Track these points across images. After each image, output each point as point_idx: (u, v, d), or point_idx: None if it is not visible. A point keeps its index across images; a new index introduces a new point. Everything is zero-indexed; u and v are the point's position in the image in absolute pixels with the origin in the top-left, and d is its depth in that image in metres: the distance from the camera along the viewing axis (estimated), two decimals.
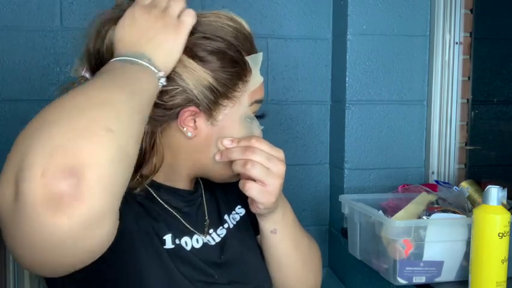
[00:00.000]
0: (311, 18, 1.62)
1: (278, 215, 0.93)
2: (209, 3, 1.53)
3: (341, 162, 1.57)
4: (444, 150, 1.58)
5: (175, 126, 0.82)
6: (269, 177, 0.83)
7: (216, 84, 0.81)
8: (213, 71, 0.80)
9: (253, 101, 0.86)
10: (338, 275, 1.65)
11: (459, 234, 1.14)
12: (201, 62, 0.80)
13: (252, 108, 0.87)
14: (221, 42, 0.82)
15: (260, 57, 0.86)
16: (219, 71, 0.81)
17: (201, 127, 0.83)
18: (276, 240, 0.95)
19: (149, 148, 0.82)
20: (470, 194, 1.33)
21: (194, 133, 0.82)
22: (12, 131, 1.43)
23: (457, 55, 1.55)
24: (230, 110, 0.84)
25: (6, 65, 1.43)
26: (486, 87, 1.59)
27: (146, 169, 0.83)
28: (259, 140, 0.84)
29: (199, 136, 0.83)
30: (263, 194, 0.84)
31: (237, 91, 0.84)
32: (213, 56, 0.81)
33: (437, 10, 1.54)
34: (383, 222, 1.16)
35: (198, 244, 0.87)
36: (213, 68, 0.80)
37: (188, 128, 0.82)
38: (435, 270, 1.14)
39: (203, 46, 0.80)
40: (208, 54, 0.80)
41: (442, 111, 1.56)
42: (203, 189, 0.96)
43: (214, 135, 0.84)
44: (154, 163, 0.83)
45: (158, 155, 0.83)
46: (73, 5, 1.46)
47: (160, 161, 0.83)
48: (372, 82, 1.55)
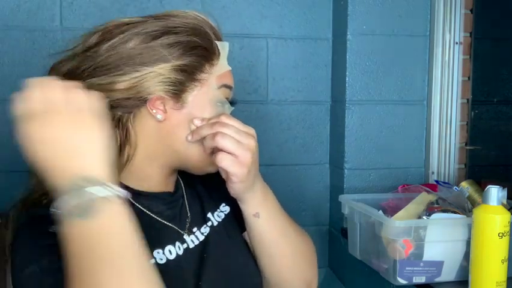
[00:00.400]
0: (311, 18, 1.62)
1: (258, 196, 0.91)
2: (209, 3, 1.53)
3: (341, 162, 1.57)
4: (445, 150, 1.58)
5: (145, 111, 0.83)
6: (240, 148, 0.83)
7: (179, 68, 0.82)
8: (174, 58, 0.82)
9: (221, 84, 0.88)
10: (338, 275, 1.65)
11: (459, 234, 1.14)
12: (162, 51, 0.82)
13: (222, 93, 0.88)
14: (180, 34, 0.84)
15: (227, 46, 0.89)
16: (180, 57, 0.83)
17: (170, 110, 0.84)
18: (261, 226, 0.92)
19: (123, 137, 0.83)
20: (470, 194, 1.33)
21: (164, 116, 0.84)
22: (12, 131, 1.44)
23: (457, 55, 1.55)
24: (198, 91, 0.85)
25: (6, 65, 1.43)
26: (486, 87, 1.59)
27: (118, 163, 0.83)
28: (228, 117, 0.85)
29: (169, 119, 0.84)
30: (234, 164, 0.83)
31: (204, 72, 0.86)
32: (173, 47, 0.83)
33: (437, 10, 1.54)
34: (383, 222, 1.16)
35: (180, 251, 0.88)
36: (174, 54, 0.82)
37: (158, 111, 0.83)
38: (435, 270, 1.14)
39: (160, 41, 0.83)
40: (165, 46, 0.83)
41: (442, 111, 1.56)
42: (184, 189, 0.97)
43: (184, 117, 0.85)
44: (127, 153, 0.84)
45: (131, 144, 0.84)
46: (73, 5, 1.46)
47: (133, 151, 0.84)
48: (372, 82, 1.54)
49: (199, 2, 1.53)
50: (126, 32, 0.83)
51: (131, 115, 0.83)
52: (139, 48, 0.82)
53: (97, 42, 0.84)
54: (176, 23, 0.85)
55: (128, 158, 0.84)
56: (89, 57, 0.82)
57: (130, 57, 0.81)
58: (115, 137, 0.81)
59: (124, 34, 0.83)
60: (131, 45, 0.82)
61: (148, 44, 0.82)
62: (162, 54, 0.82)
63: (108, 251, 0.63)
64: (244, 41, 1.55)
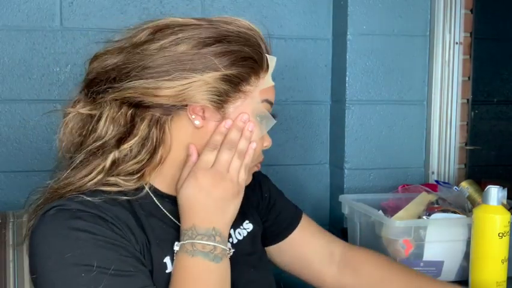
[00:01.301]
0: (311, 18, 1.62)
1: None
2: (209, 3, 1.53)
3: (341, 162, 1.57)
4: (445, 150, 1.58)
5: (184, 115, 0.82)
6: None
7: (227, 78, 0.81)
8: (224, 67, 0.81)
9: (264, 99, 0.87)
10: None
11: (459, 234, 1.14)
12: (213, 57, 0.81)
13: (264, 107, 0.87)
14: (232, 43, 0.82)
15: (275, 60, 0.88)
16: (229, 66, 0.81)
17: (209, 117, 0.83)
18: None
19: (160, 138, 0.82)
20: (470, 194, 1.33)
21: (202, 123, 0.82)
22: (12, 131, 1.44)
23: (457, 55, 1.55)
24: (241, 103, 0.84)
25: (6, 65, 1.43)
26: (486, 87, 1.59)
27: (151, 164, 0.83)
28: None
29: (206, 127, 0.83)
30: None
31: (250, 85, 0.84)
32: (224, 56, 0.81)
33: (437, 10, 1.54)
34: (383, 222, 1.16)
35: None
36: (224, 63, 0.81)
37: (197, 117, 0.82)
38: (435, 270, 1.14)
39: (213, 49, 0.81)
40: (217, 54, 0.81)
41: (442, 111, 1.56)
42: None
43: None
44: (161, 154, 0.83)
45: (166, 146, 0.83)
46: (73, 5, 1.46)
47: (167, 153, 0.84)
48: (372, 82, 1.55)
49: (199, 2, 1.53)
50: (179, 34, 0.81)
51: (169, 117, 0.82)
52: (190, 54, 0.80)
53: (147, 40, 0.82)
54: (229, 30, 0.83)
55: (161, 160, 0.83)
56: (138, 55, 0.80)
57: (180, 62, 0.79)
58: (151, 137, 0.81)
59: (177, 36, 0.81)
60: (183, 50, 0.80)
61: (199, 50, 0.80)
62: (212, 62, 0.80)
63: (219, 285, 0.80)
64: None
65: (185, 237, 0.79)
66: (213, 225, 0.80)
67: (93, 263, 0.72)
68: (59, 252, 0.73)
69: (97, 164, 0.81)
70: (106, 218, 0.77)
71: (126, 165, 0.81)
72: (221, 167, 0.82)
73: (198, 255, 0.78)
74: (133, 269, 0.75)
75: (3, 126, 1.44)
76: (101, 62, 0.83)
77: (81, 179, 0.81)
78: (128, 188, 0.82)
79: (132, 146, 0.81)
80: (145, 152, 0.81)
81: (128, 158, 0.81)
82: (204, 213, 0.80)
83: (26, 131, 1.44)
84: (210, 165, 0.82)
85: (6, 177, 1.43)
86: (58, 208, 0.77)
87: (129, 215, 0.80)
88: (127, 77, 0.80)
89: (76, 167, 0.82)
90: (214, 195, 0.80)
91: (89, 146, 0.82)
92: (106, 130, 0.82)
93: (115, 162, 0.81)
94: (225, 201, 0.81)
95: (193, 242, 0.78)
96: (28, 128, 1.44)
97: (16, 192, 1.42)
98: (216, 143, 0.83)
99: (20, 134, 1.44)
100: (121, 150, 0.81)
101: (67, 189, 0.81)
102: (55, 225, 0.76)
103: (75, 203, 0.77)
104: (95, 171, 0.81)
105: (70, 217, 0.75)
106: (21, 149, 1.44)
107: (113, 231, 0.76)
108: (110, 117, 0.82)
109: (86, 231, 0.74)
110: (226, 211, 0.82)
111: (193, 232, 0.79)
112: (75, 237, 0.74)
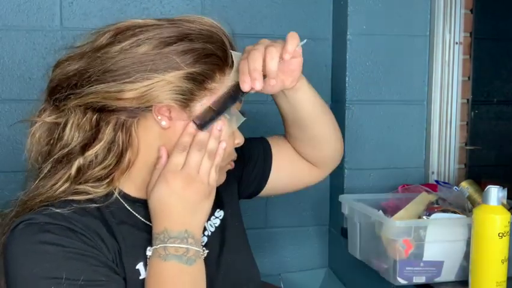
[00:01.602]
0: (311, 18, 1.62)
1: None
2: (209, 3, 1.53)
3: (341, 162, 1.57)
4: (444, 150, 1.58)
5: (150, 117, 0.81)
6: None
7: (191, 76, 0.80)
8: (186, 66, 0.80)
9: None
10: (338, 275, 1.65)
11: (459, 234, 1.14)
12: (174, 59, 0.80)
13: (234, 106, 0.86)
14: (195, 41, 0.82)
15: (240, 56, 0.86)
16: (192, 64, 0.80)
17: (176, 117, 0.82)
18: (307, 100, 0.98)
19: (126, 142, 0.81)
20: (470, 194, 1.33)
21: (169, 123, 0.82)
22: (12, 131, 1.44)
23: (457, 55, 1.55)
24: (207, 101, 0.83)
25: (6, 65, 1.43)
26: (486, 87, 1.59)
27: (119, 168, 0.82)
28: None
29: (174, 127, 0.82)
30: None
31: (215, 82, 0.83)
32: (186, 54, 0.80)
33: (437, 10, 1.54)
34: (383, 222, 1.16)
35: None
36: (187, 62, 0.80)
37: (163, 117, 0.81)
38: (435, 270, 1.14)
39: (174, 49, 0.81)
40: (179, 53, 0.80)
41: (442, 111, 1.56)
42: None
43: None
44: (128, 158, 0.82)
45: (133, 149, 0.82)
46: (73, 5, 1.46)
47: (135, 156, 0.83)
48: (372, 82, 1.54)
49: (199, 2, 1.53)
50: (140, 35, 0.80)
51: (135, 119, 0.81)
52: (152, 54, 0.79)
53: (108, 43, 0.81)
54: (191, 29, 0.82)
55: (130, 163, 0.82)
56: (99, 59, 0.80)
57: (142, 63, 0.78)
58: (117, 140, 0.80)
59: (137, 37, 0.80)
60: (144, 50, 0.79)
61: (161, 50, 0.79)
62: (174, 61, 0.79)
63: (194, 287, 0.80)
64: (244, 41, 1.54)
65: (157, 242, 0.79)
66: (185, 227, 0.79)
67: (62, 275, 0.72)
68: (28, 267, 0.73)
69: (63, 173, 0.80)
70: (75, 229, 0.76)
71: (93, 172, 0.80)
72: (191, 169, 0.81)
73: (171, 259, 0.77)
74: (105, 278, 0.75)
75: (3, 126, 1.44)
76: (63, 68, 0.83)
77: (49, 188, 0.80)
78: (98, 195, 0.81)
79: (97, 151, 0.80)
80: (112, 156, 0.80)
81: (95, 163, 0.80)
82: (175, 216, 0.79)
83: (26, 131, 1.43)
84: (179, 167, 0.81)
85: (6, 177, 1.43)
86: (26, 223, 0.76)
87: (99, 224, 0.79)
88: (88, 82, 0.79)
89: (44, 176, 0.82)
90: (185, 197, 0.80)
91: (55, 154, 0.81)
92: (71, 137, 0.81)
93: (80, 169, 0.80)
94: (196, 203, 0.81)
95: (166, 246, 0.78)
96: (28, 128, 1.43)
97: (16, 192, 1.41)
98: (185, 145, 0.82)
99: (20, 134, 1.44)
100: (85, 157, 0.80)
101: (36, 200, 0.80)
102: (23, 241, 0.75)
103: (43, 216, 0.76)
104: (61, 180, 0.80)
105: (38, 231, 0.75)
106: (21, 149, 1.43)
107: (83, 242, 0.76)
108: (76, 124, 0.81)
109: (54, 244, 0.74)
110: (197, 213, 0.81)
111: (165, 235, 0.78)
112: (43, 251, 0.74)
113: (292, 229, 1.67)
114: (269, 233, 1.66)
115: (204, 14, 1.51)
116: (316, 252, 1.70)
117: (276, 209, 1.65)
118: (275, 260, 1.66)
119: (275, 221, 1.66)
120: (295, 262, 1.69)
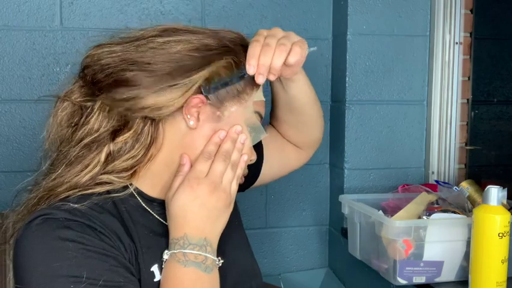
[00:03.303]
0: (311, 18, 1.62)
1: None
2: (209, 3, 1.53)
3: (341, 162, 1.57)
4: (444, 150, 1.57)
5: (179, 115, 0.82)
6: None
7: (231, 80, 0.82)
8: (231, 68, 0.82)
9: (256, 111, 0.88)
10: (338, 275, 1.65)
11: (459, 234, 1.14)
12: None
13: (255, 118, 0.88)
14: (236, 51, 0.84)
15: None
16: (236, 70, 0.83)
17: (204, 119, 0.83)
18: (301, 88, 0.99)
19: (154, 134, 0.82)
20: (470, 194, 1.33)
21: (196, 124, 0.82)
22: (12, 131, 1.44)
23: (457, 55, 1.55)
24: (237, 109, 0.84)
25: (6, 65, 1.43)
26: (486, 87, 1.59)
27: (144, 161, 0.82)
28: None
29: (200, 129, 0.83)
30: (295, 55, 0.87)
31: (247, 94, 0.85)
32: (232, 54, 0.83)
33: (437, 10, 1.54)
34: (383, 222, 1.16)
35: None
36: (230, 65, 0.82)
37: (192, 117, 0.82)
38: (435, 270, 1.14)
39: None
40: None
41: (442, 111, 1.56)
42: None
43: (215, 130, 0.84)
44: (151, 152, 0.82)
45: (157, 145, 0.82)
46: (73, 5, 1.46)
47: (157, 152, 0.83)
48: (372, 82, 1.54)
49: (199, 2, 1.53)
50: (183, 35, 0.82)
51: (164, 116, 0.82)
52: (191, 55, 0.81)
53: (151, 36, 0.83)
54: (231, 39, 0.85)
55: (151, 158, 0.83)
56: (140, 48, 0.81)
57: (180, 61, 0.80)
58: (145, 132, 0.81)
59: (181, 36, 0.82)
60: (183, 49, 0.81)
61: (203, 53, 0.81)
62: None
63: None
64: None
65: (176, 246, 0.79)
66: (205, 235, 0.80)
67: (82, 274, 0.71)
68: (46, 263, 0.72)
69: (92, 158, 0.80)
70: (95, 226, 0.75)
71: (120, 161, 0.80)
72: (216, 177, 0.81)
73: (190, 266, 0.78)
74: (123, 280, 0.74)
75: (3, 126, 1.44)
76: (101, 52, 0.82)
77: (77, 174, 0.80)
78: (120, 186, 0.81)
79: (127, 139, 0.80)
80: (139, 147, 0.81)
81: (123, 151, 0.80)
82: (197, 222, 0.79)
83: (26, 131, 1.44)
84: (204, 174, 0.81)
85: (6, 177, 1.43)
86: (44, 217, 0.75)
87: (117, 223, 0.79)
88: (124, 81, 0.79)
89: (70, 162, 0.81)
90: (208, 205, 0.80)
91: (82, 140, 0.80)
92: (99, 124, 0.81)
93: (109, 155, 0.80)
94: (217, 211, 0.81)
95: (185, 252, 0.78)
96: (28, 128, 1.44)
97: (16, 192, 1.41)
98: (210, 153, 0.82)
99: (20, 134, 1.44)
100: (116, 143, 0.80)
101: (62, 187, 0.79)
102: (42, 235, 0.74)
103: (62, 212, 0.75)
104: (90, 166, 0.80)
105: (57, 227, 0.74)
106: (21, 149, 1.44)
107: (102, 241, 0.75)
108: (104, 111, 0.81)
109: (74, 241, 0.73)
110: (217, 222, 0.82)
111: (185, 241, 0.78)
112: (63, 247, 0.72)
113: (292, 229, 1.67)
114: (269, 233, 1.66)
115: (204, 14, 1.53)
116: (316, 252, 1.70)
117: (276, 209, 1.65)
118: (275, 260, 1.67)
119: (275, 221, 1.66)
120: (295, 262, 1.69)
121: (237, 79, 0.83)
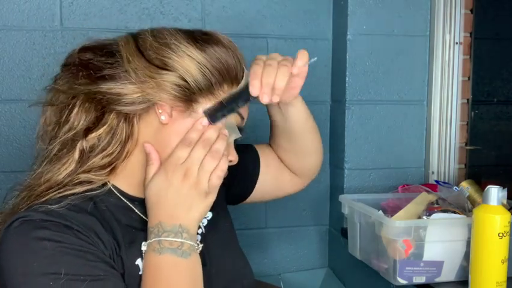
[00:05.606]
0: (311, 18, 1.62)
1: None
2: (209, 3, 1.53)
3: (341, 162, 1.57)
4: (445, 150, 1.58)
5: (152, 111, 0.83)
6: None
7: (202, 75, 0.82)
8: (202, 62, 0.82)
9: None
10: (338, 275, 1.65)
11: (459, 234, 1.14)
12: (197, 49, 0.82)
13: (234, 118, 0.87)
14: (219, 46, 0.84)
15: (248, 77, 0.87)
16: (208, 64, 0.82)
17: (176, 116, 0.83)
18: (299, 114, 1.00)
19: (128, 131, 0.82)
20: (470, 194, 1.33)
21: (168, 120, 0.82)
22: (12, 131, 1.44)
23: (457, 55, 1.55)
24: (210, 106, 0.84)
25: (6, 65, 1.43)
26: (486, 87, 1.59)
27: (121, 159, 0.83)
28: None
29: (172, 124, 0.83)
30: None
31: (222, 91, 0.85)
32: (208, 48, 0.83)
33: (437, 10, 1.54)
34: (383, 222, 1.16)
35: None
36: (202, 59, 0.82)
37: (164, 113, 0.82)
38: (435, 270, 1.14)
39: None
40: (204, 46, 0.83)
41: (442, 111, 1.56)
42: None
43: (187, 126, 0.83)
44: (128, 148, 0.83)
45: (133, 141, 0.83)
46: (73, 5, 1.46)
47: (133, 147, 0.83)
48: (372, 82, 1.54)
49: (199, 2, 1.53)
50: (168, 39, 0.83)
51: (138, 112, 0.83)
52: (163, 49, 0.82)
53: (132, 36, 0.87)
54: (213, 37, 0.86)
55: (127, 155, 0.83)
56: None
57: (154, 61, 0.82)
58: (120, 127, 0.81)
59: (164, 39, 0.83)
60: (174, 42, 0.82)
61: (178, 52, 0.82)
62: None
63: (190, 280, 0.80)
64: (244, 40, 1.55)
65: (151, 236, 0.79)
66: (179, 221, 0.79)
67: (61, 270, 0.72)
68: (25, 264, 0.73)
69: (68, 156, 0.81)
70: (71, 225, 0.76)
71: (97, 158, 0.81)
72: (192, 164, 0.81)
73: (165, 252, 0.78)
74: (103, 273, 0.75)
75: (3, 126, 1.44)
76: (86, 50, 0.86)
77: (56, 172, 0.81)
78: (99, 184, 0.82)
79: (100, 135, 0.81)
80: (115, 143, 0.81)
81: (98, 150, 0.81)
82: (170, 209, 0.79)
83: (26, 131, 1.44)
84: (181, 161, 0.81)
85: (6, 177, 1.43)
86: (22, 220, 0.76)
87: (95, 221, 0.79)
88: (101, 77, 0.81)
89: (50, 160, 0.82)
90: (182, 191, 0.80)
91: (61, 137, 0.82)
92: (78, 120, 0.82)
93: (83, 152, 0.81)
94: (191, 199, 0.80)
95: (160, 240, 0.78)
96: (28, 128, 1.44)
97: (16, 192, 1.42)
98: (191, 140, 0.82)
99: (20, 134, 1.44)
100: (88, 140, 0.81)
101: (43, 186, 0.81)
102: (20, 238, 0.75)
103: (39, 213, 0.76)
104: (66, 164, 0.81)
105: (34, 228, 0.75)
106: (21, 149, 1.44)
107: (79, 238, 0.76)
108: (83, 108, 0.82)
109: (51, 240, 0.74)
110: (193, 209, 0.80)
111: (160, 229, 0.79)
112: (40, 247, 0.73)
113: (292, 229, 1.67)
114: (269, 233, 1.66)
115: (204, 14, 1.53)
116: (316, 252, 1.70)
117: (276, 209, 1.65)
118: (275, 260, 1.66)
119: (275, 221, 1.66)
120: (295, 262, 1.69)
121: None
